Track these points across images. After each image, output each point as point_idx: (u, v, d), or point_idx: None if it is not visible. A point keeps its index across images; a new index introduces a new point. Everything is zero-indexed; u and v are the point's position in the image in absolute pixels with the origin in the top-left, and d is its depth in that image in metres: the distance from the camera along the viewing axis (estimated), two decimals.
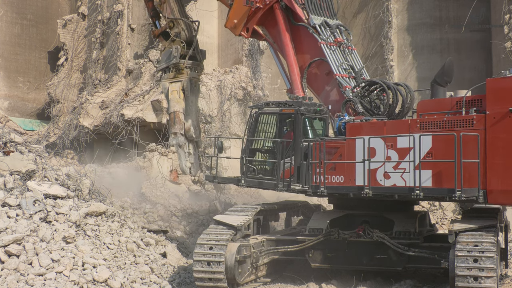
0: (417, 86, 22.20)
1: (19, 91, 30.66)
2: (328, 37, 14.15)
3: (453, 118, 10.73)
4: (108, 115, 23.30)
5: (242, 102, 21.93)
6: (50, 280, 10.94)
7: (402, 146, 10.90)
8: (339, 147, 11.62)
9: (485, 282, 9.68)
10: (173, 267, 12.98)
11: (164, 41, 17.71)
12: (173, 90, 17.13)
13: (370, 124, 11.66)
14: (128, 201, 16.57)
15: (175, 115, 16.99)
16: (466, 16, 21.57)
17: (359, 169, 11.27)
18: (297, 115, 12.60)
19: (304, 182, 12.17)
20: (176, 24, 17.27)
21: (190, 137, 17.37)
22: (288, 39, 14.40)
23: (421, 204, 18.33)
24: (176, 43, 17.18)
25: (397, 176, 10.93)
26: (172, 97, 17.13)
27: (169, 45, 17.33)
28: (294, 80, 14.17)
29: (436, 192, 10.56)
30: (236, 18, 15.33)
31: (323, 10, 14.70)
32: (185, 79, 17.14)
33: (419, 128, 10.92)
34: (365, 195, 11.05)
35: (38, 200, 12.68)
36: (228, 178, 14.75)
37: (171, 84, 17.20)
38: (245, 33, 15.35)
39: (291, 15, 14.54)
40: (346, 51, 14.28)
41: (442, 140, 10.54)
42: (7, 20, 30.17)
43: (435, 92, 11.87)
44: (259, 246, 12.29)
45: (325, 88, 13.83)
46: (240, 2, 15.08)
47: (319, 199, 16.33)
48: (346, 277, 12.23)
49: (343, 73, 13.69)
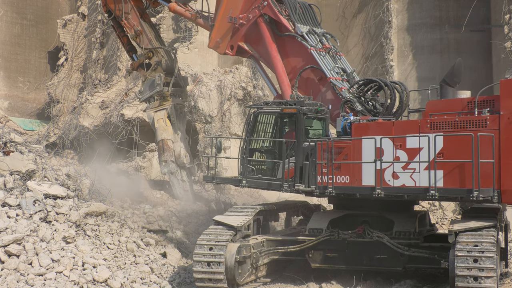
0: (417, 86, 22.21)
1: (19, 91, 30.65)
2: (316, 43, 14.28)
3: (466, 119, 10.72)
4: (108, 115, 23.31)
5: (242, 102, 21.92)
6: (50, 280, 10.94)
7: (411, 146, 10.87)
8: (344, 147, 11.57)
9: (485, 282, 9.69)
10: (173, 267, 12.98)
11: (143, 71, 17.73)
12: (158, 118, 17.21)
13: (377, 124, 11.62)
14: (128, 201, 16.56)
15: (163, 143, 17.09)
16: (466, 16, 21.58)
17: (366, 169, 11.23)
18: (299, 115, 12.55)
19: (307, 183, 12.13)
20: (155, 53, 17.32)
21: (181, 164, 17.45)
22: (275, 50, 14.51)
23: (421, 204, 18.33)
24: (158, 71, 17.21)
25: (406, 176, 10.89)
26: (158, 125, 17.19)
27: (150, 74, 17.37)
28: (285, 91, 14.21)
29: (453, 193, 10.51)
30: (219, 37, 15.44)
31: (307, 20, 14.86)
32: (170, 106, 17.21)
33: (429, 128, 10.88)
34: (377, 195, 11.02)
35: (38, 200, 12.69)
36: (227, 178, 14.73)
37: (156, 113, 17.28)
38: (230, 51, 15.46)
39: (275, 28, 14.67)
40: (336, 57, 14.41)
41: (454, 140, 10.51)
42: (7, 20, 30.16)
43: (444, 92, 11.87)
44: (259, 246, 12.28)
45: (318, 94, 13.88)
46: (223, 20, 15.24)
47: (319, 199, 16.31)
48: (346, 277, 12.23)
49: (336, 76, 13.79)
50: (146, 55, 17.55)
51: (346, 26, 23.73)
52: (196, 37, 23.51)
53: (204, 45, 23.47)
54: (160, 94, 17.29)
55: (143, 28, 17.60)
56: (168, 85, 17.21)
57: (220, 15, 15.34)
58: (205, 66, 23.72)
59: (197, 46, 23.48)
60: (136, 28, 17.53)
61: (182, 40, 23.75)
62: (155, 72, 17.34)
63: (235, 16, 15.01)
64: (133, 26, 17.55)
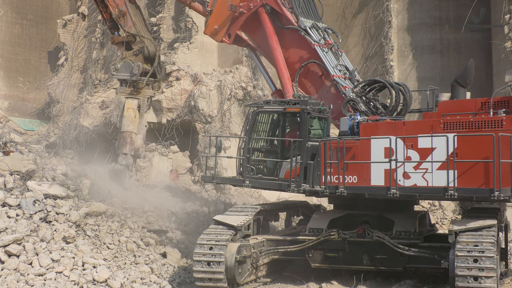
0: (417, 86, 22.21)
1: (19, 91, 30.63)
2: (320, 39, 14.09)
3: (481, 119, 10.72)
4: (108, 115, 23.29)
5: (242, 102, 21.92)
6: (50, 280, 10.94)
7: (423, 146, 10.87)
8: (352, 147, 11.56)
9: (485, 282, 9.69)
10: (173, 267, 12.98)
11: (123, 49, 17.30)
12: (129, 107, 16.99)
13: (388, 124, 11.59)
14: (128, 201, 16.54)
15: (128, 136, 16.94)
16: (466, 16, 21.58)
17: (375, 169, 11.23)
18: (304, 114, 12.47)
19: (312, 183, 12.08)
20: (139, 39, 16.98)
21: (137, 157, 17.39)
22: (276, 42, 14.26)
23: (421, 204, 18.34)
24: (138, 59, 16.92)
25: (418, 176, 10.88)
26: (127, 115, 16.98)
27: (130, 57, 17.05)
28: (285, 84, 14.03)
29: (473, 192, 10.49)
30: (217, 24, 15.14)
31: (310, 14, 14.62)
32: (143, 98, 17.04)
33: (442, 128, 10.88)
34: (392, 195, 11.01)
35: (38, 200, 12.69)
36: (228, 178, 14.55)
37: (127, 100, 17.01)
38: (227, 39, 15.19)
39: (277, 19, 14.45)
40: (337, 53, 14.28)
41: (469, 141, 10.50)
42: (7, 20, 30.14)
43: (456, 93, 11.87)
44: (259, 246, 12.28)
45: (319, 90, 13.78)
46: (223, 7, 14.93)
47: (319, 199, 16.31)
48: (346, 277, 12.23)
49: (339, 74, 13.68)
50: (128, 38, 17.02)
51: (346, 26, 23.72)
52: (196, 37, 23.48)
53: (204, 45, 23.49)
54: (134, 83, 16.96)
55: (128, 10, 16.96)
56: (145, 75, 16.91)
57: (219, 1, 15.04)
58: (205, 66, 23.70)
59: (197, 46, 23.45)
60: (120, 8, 16.90)
61: (182, 40, 23.73)
62: (135, 58, 16.98)
63: (236, 4, 14.66)
64: (118, 5, 16.92)
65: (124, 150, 16.89)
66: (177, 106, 22.01)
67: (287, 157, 12.52)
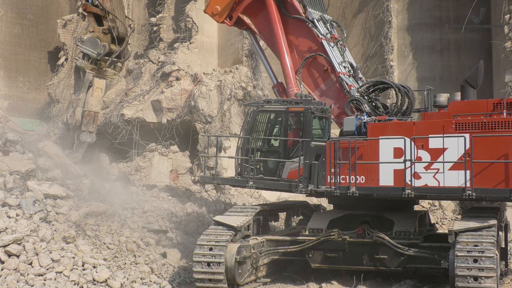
0: (417, 86, 22.19)
1: (19, 91, 30.63)
2: (327, 33, 13.81)
3: (493, 120, 10.75)
4: (108, 115, 23.28)
5: (242, 102, 21.90)
6: (50, 280, 10.94)
7: (435, 146, 10.89)
8: (359, 147, 11.55)
9: (485, 282, 9.70)
10: (173, 267, 12.98)
11: (93, 21, 16.74)
12: (98, 87, 16.99)
13: (397, 124, 11.58)
14: (128, 201, 16.55)
15: (95, 115, 17.08)
16: (466, 16, 21.57)
17: (384, 169, 11.23)
18: (307, 114, 12.39)
19: (317, 183, 12.02)
20: (112, 18, 16.40)
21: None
22: (280, 30, 13.83)
23: (421, 204, 18.33)
24: (106, 38, 16.53)
25: (429, 177, 10.92)
26: (95, 95, 16.98)
27: (98, 32, 16.67)
28: (287, 74, 13.70)
29: (492, 192, 10.53)
30: (219, 4, 14.61)
31: (317, 5, 14.27)
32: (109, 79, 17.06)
33: (454, 129, 10.89)
34: (407, 195, 11.01)
35: (38, 200, 12.70)
36: (229, 179, 14.22)
37: (96, 79, 16.90)
38: (228, 21, 14.72)
39: (283, 7, 14.04)
40: (342, 48, 14.09)
41: (483, 141, 10.54)
42: (7, 20, 30.14)
43: (466, 93, 11.88)
44: (259, 246, 12.27)
45: (321, 84, 13.57)
46: None
47: (319, 199, 16.30)
48: (346, 277, 12.23)
49: (344, 71, 13.52)
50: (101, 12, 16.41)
51: (346, 26, 23.68)
52: (196, 37, 23.46)
53: (204, 45, 23.46)
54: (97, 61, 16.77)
55: None
56: (109, 56, 16.73)
57: None
58: (205, 66, 23.68)
59: (197, 46, 23.43)
60: None
61: (182, 40, 23.71)
62: (103, 36, 16.52)
63: None
64: None
65: (90, 128, 17.03)
66: (177, 106, 22.00)
67: (290, 157, 12.46)
